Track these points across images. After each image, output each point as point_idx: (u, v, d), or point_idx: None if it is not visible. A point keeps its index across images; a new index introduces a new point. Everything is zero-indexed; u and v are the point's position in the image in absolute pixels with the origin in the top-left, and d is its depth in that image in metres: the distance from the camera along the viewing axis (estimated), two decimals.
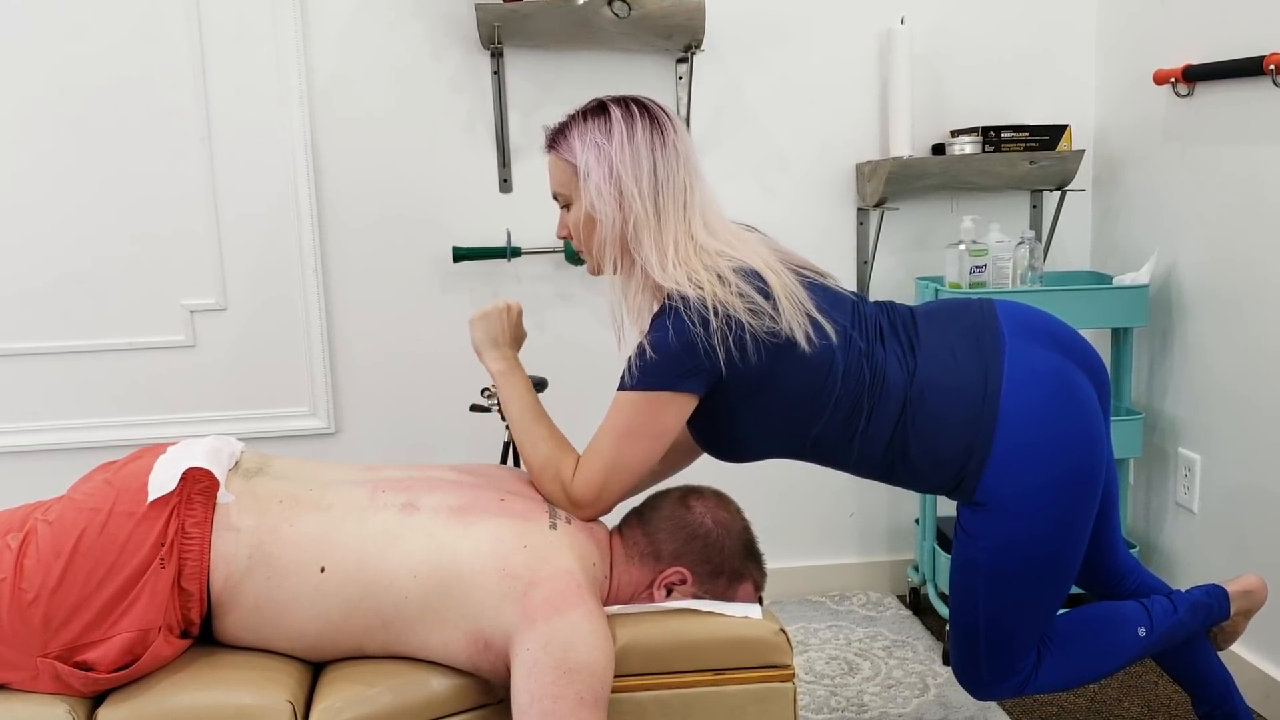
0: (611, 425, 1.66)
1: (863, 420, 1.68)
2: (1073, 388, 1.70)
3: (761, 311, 1.61)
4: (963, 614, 1.77)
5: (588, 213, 1.69)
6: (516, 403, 1.77)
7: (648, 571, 1.70)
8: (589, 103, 1.75)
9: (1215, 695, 1.96)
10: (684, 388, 1.62)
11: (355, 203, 2.71)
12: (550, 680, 1.44)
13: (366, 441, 2.79)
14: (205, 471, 1.55)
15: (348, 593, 1.53)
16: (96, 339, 2.67)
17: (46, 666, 1.46)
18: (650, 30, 2.58)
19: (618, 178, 1.65)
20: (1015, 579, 1.71)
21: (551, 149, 1.74)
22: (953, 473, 1.69)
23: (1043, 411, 1.67)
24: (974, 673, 1.79)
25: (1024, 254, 2.66)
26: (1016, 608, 1.73)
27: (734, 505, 1.77)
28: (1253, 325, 2.30)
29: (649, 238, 1.65)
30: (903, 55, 2.70)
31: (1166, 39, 2.54)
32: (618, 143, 1.67)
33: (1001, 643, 1.75)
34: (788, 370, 1.63)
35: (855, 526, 3.01)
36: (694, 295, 1.59)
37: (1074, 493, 1.69)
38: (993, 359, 1.69)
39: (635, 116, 1.69)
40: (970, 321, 1.75)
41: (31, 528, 1.51)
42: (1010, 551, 1.69)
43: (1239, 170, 2.32)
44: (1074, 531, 1.72)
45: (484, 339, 1.81)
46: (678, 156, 1.69)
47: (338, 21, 2.64)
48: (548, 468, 1.71)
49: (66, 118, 2.58)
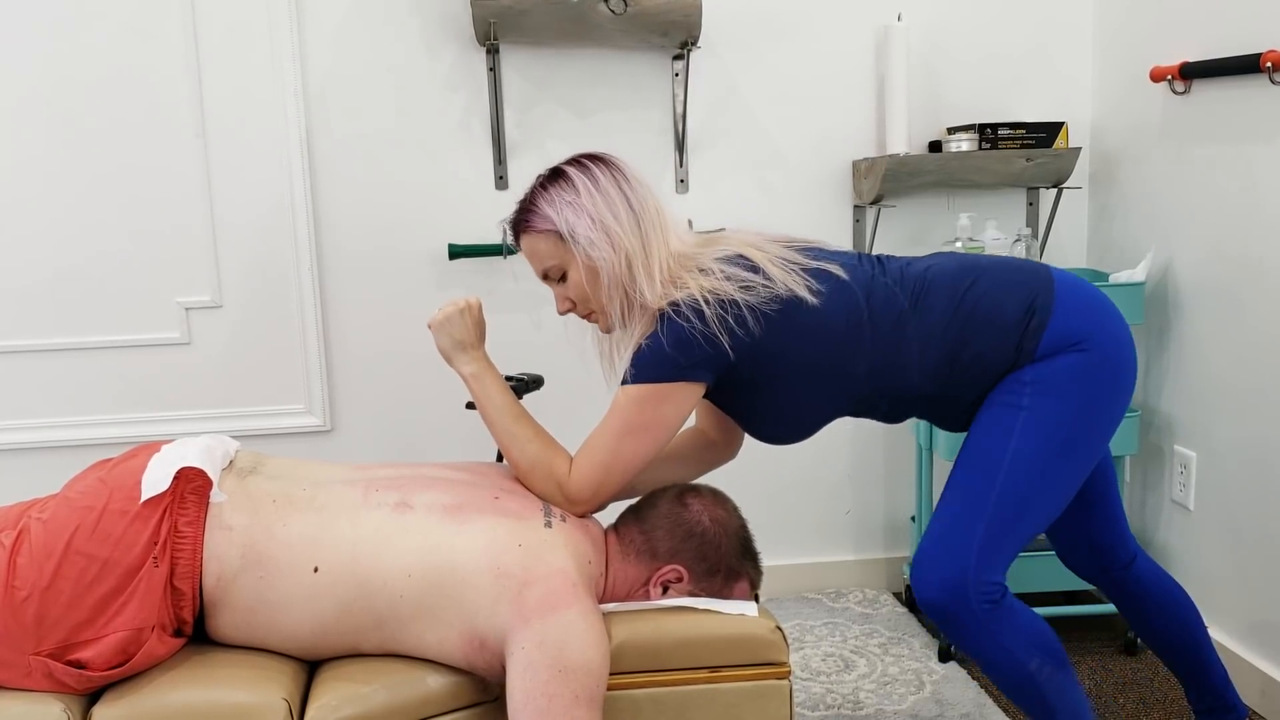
0: (611, 420, 1.68)
1: (911, 323, 1.71)
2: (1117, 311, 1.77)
3: (753, 285, 1.65)
4: (974, 482, 1.69)
5: (587, 267, 1.71)
6: (494, 405, 1.77)
7: (644, 569, 1.70)
8: (539, 177, 1.79)
9: (1212, 686, 1.96)
10: (686, 378, 1.65)
11: (350, 200, 2.71)
12: (545, 679, 1.44)
13: (362, 439, 2.79)
14: (199, 471, 1.55)
15: (341, 593, 1.53)
16: (91, 336, 2.66)
17: (40, 664, 1.46)
18: (646, 27, 2.58)
19: (602, 222, 1.70)
20: (1047, 437, 1.68)
21: (527, 229, 1.77)
22: (1018, 334, 1.69)
23: (1091, 299, 1.73)
24: (961, 554, 1.65)
25: (1020, 251, 2.66)
26: (1037, 478, 1.68)
27: (731, 504, 1.77)
28: (1249, 322, 2.30)
29: (640, 268, 1.69)
30: (899, 52, 2.70)
31: (1163, 36, 2.54)
32: (586, 193, 1.72)
33: (1006, 521, 1.67)
34: (804, 325, 1.67)
35: (851, 524, 3.01)
36: (682, 296, 1.63)
37: (1111, 379, 1.71)
38: (1035, 263, 1.80)
39: (589, 166, 1.75)
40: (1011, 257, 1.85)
41: (25, 525, 1.51)
42: (1055, 401, 1.68)
43: (1235, 168, 2.32)
44: (1112, 407, 1.72)
45: (449, 344, 1.81)
46: (643, 187, 1.75)
47: (333, 18, 2.64)
48: (538, 467, 1.71)
49: (61, 114, 2.58)
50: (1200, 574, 2.49)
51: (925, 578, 1.69)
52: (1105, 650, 2.59)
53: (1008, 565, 1.70)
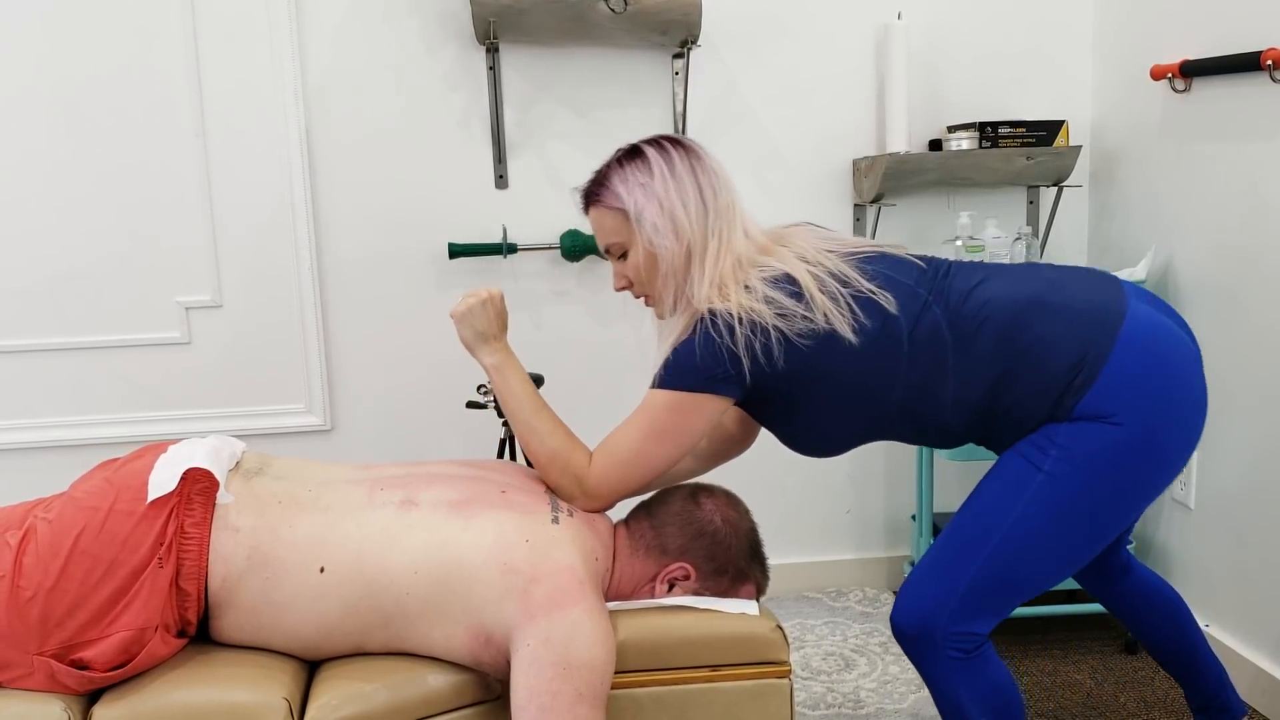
0: (637, 421, 1.68)
1: (952, 360, 1.64)
2: (1191, 353, 1.65)
3: (791, 314, 1.61)
4: (974, 532, 1.64)
5: (648, 252, 1.70)
6: (515, 396, 1.76)
7: (652, 564, 1.70)
8: (619, 150, 1.76)
9: (1208, 688, 1.96)
10: (716, 390, 1.64)
11: (350, 199, 2.70)
12: (549, 676, 1.44)
13: (362, 439, 2.79)
14: (205, 472, 1.55)
15: (346, 592, 1.53)
16: (91, 336, 2.66)
17: (42, 665, 1.45)
18: (646, 25, 2.57)
19: (670, 210, 1.68)
20: (1059, 509, 1.60)
21: (596, 202, 1.75)
22: (1059, 389, 1.60)
23: (1158, 350, 1.61)
24: (942, 599, 1.63)
25: (1021, 250, 2.66)
26: (1037, 544, 1.62)
27: (743, 506, 1.77)
28: (1249, 320, 2.30)
29: (697, 264, 1.68)
30: (899, 51, 2.70)
31: (1163, 34, 2.54)
32: (660, 178, 1.69)
33: (995, 577, 1.63)
34: (837, 359, 1.63)
35: (852, 523, 3.01)
36: (721, 308, 1.62)
37: (1149, 461, 1.61)
38: (1116, 298, 1.65)
39: (669, 150, 1.72)
40: (1089, 273, 1.73)
41: (31, 525, 1.51)
42: (1076, 475, 1.59)
43: (1236, 165, 2.32)
44: (1138, 489, 1.63)
45: (471, 335, 1.79)
46: (718, 179, 1.72)
47: (332, 18, 2.64)
48: (556, 460, 1.71)
49: (60, 113, 2.57)
50: (1201, 572, 2.49)
51: (904, 606, 1.68)
52: (1106, 649, 2.59)
53: (998, 618, 1.66)
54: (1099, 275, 1.72)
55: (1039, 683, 2.43)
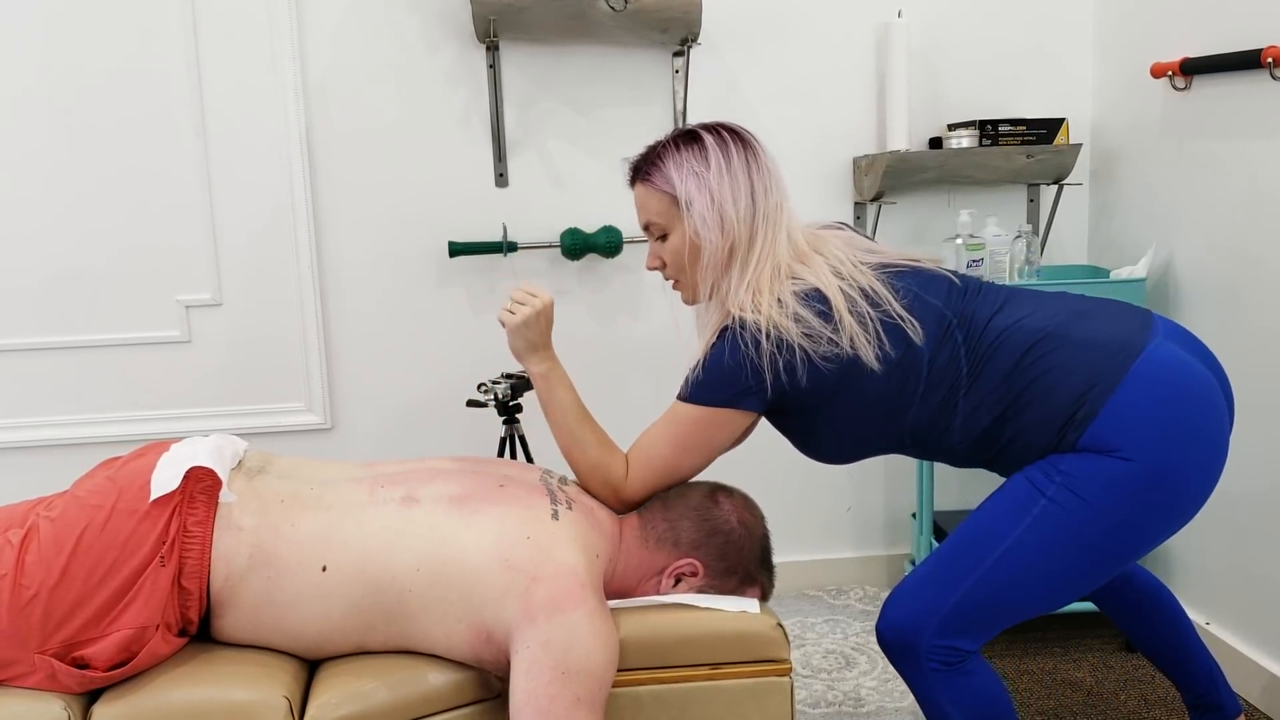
0: (670, 434, 1.71)
1: (963, 390, 1.63)
2: (1213, 395, 1.59)
3: (818, 335, 1.61)
4: (969, 550, 1.62)
5: (691, 241, 1.70)
6: (560, 406, 1.79)
7: (662, 556, 1.70)
8: (676, 131, 1.76)
9: (1199, 684, 1.96)
10: (741, 405, 1.66)
11: (351, 197, 2.70)
12: (548, 680, 1.44)
13: (362, 437, 2.79)
14: (208, 470, 1.55)
15: (349, 591, 1.53)
16: (92, 335, 2.66)
17: (44, 663, 1.45)
18: (646, 24, 2.57)
19: (720, 205, 1.67)
20: (1058, 538, 1.58)
21: (645, 181, 1.74)
22: (1061, 421, 1.58)
23: (1174, 385, 1.56)
24: (927, 612, 1.62)
25: (1021, 248, 2.65)
26: (1031, 571, 1.59)
27: (759, 511, 1.78)
28: (1250, 319, 2.30)
29: (739, 261, 1.68)
30: (900, 49, 2.70)
31: (1163, 32, 2.54)
32: (715, 169, 1.69)
33: (984, 599, 1.61)
34: (857, 382, 1.64)
35: (852, 521, 3.01)
36: (751, 318, 1.62)
37: (1160, 499, 1.57)
38: (1138, 334, 1.61)
39: (728, 142, 1.71)
40: (1120, 307, 1.69)
41: (33, 524, 1.51)
42: (1080, 506, 1.56)
43: (1236, 164, 2.32)
44: (1144, 528, 1.58)
45: (524, 345, 1.81)
46: (771, 177, 1.72)
47: (332, 16, 2.63)
48: (597, 471, 1.75)
49: (60, 112, 2.57)
50: (1201, 570, 2.49)
51: (889, 615, 1.67)
52: (1106, 647, 2.59)
53: (985, 637, 1.64)
54: (1131, 310, 1.68)
55: (1039, 681, 2.43)
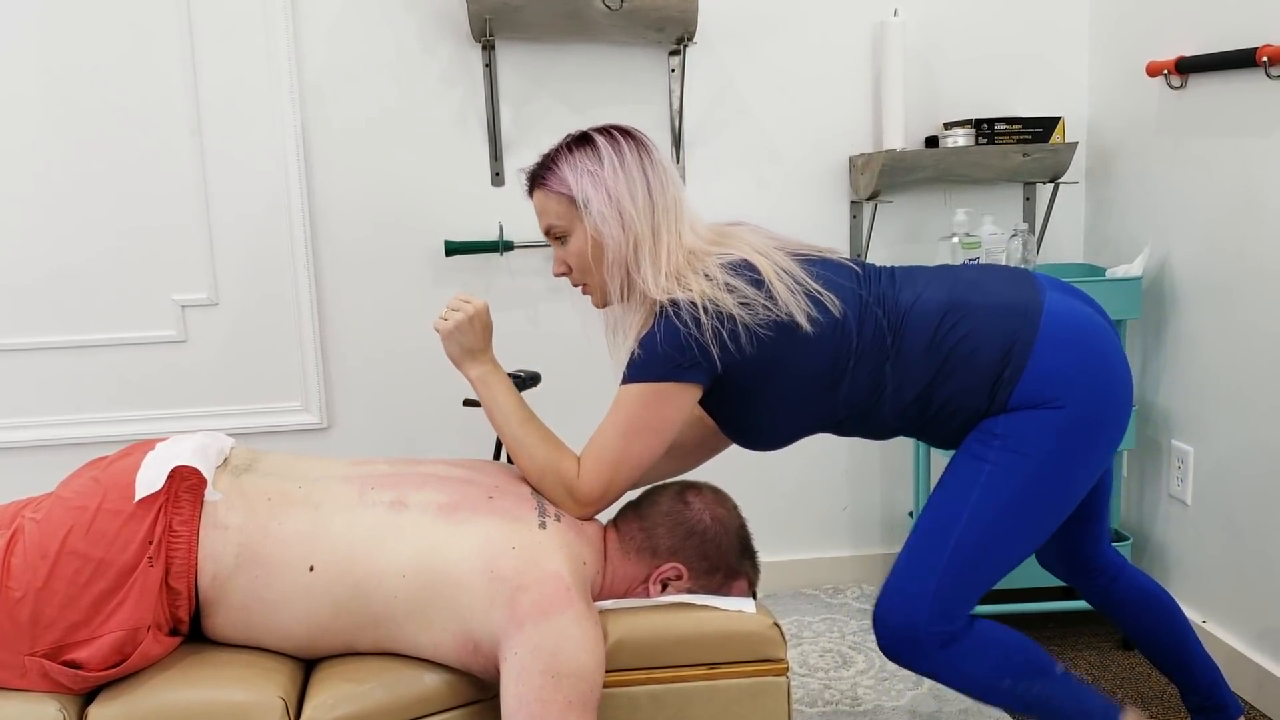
0: (614, 420, 1.67)
1: (890, 361, 1.68)
2: (1110, 334, 1.71)
3: (753, 302, 1.63)
4: (933, 534, 1.67)
5: (594, 240, 1.71)
6: (501, 409, 1.75)
7: (644, 566, 1.70)
8: (569, 136, 1.77)
9: (1202, 686, 1.97)
10: (684, 378, 1.64)
11: (347, 197, 2.70)
12: (538, 685, 1.43)
13: (359, 437, 2.78)
14: (193, 469, 1.54)
15: (336, 591, 1.53)
16: (87, 334, 2.66)
17: (35, 665, 1.45)
18: (642, 22, 2.57)
19: (617, 200, 1.69)
20: (1011, 495, 1.65)
21: (542, 185, 1.75)
22: (989, 383, 1.65)
23: (1079, 333, 1.68)
24: (914, 604, 1.65)
25: (1017, 246, 2.65)
26: (995, 534, 1.66)
27: (731, 502, 1.77)
28: (1246, 317, 2.30)
29: (647, 255, 1.68)
30: (896, 47, 2.70)
31: (1159, 31, 2.54)
32: (609, 167, 1.70)
33: (960, 573, 1.66)
34: (795, 350, 1.65)
35: (849, 519, 3.01)
36: (683, 298, 1.63)
37: (1088, 437, 1.66)
38: (1031, 293, 1.71)
39: (620, 141, 1.73)
40: (1005, 271, 1.79)
41: (19, 526, 1.50)
42: (1022, 460, 1.64)
43: (1232, 162, 2.32)
44: (1085, 466, 1.68)
45: (458, 351, 1.78)
46: (665, 173, 1.73)
47: (328, 15, 2.63)
48: (548, 472, 1.71)
49: (56, 110, 2.57)
50: (1198, 569, 2.50)
51: (882, 630, 1.68)
52: (1103, 645, 2.59)
53: (971, 604, 1.69)
54: (1014, 272, 1.78)
55: None
